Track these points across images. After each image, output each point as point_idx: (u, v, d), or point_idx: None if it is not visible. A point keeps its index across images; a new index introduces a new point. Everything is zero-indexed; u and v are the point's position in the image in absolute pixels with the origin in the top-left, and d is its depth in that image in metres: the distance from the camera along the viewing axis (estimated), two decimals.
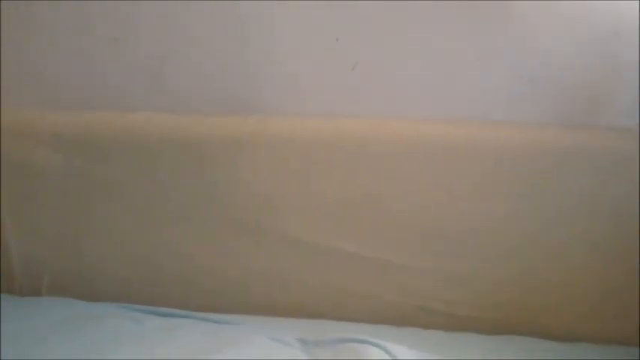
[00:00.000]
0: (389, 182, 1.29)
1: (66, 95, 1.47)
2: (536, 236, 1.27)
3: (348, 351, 1.17)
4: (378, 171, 1.29)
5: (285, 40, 1.36)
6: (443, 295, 1.30)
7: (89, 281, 1.41)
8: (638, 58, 1.27)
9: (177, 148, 1.35)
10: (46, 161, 1.40)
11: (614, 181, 1.24)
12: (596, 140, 1.25)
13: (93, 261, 1.41)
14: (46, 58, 1.47)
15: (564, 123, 1.30)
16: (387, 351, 1.15)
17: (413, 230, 1.30)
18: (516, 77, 1.31)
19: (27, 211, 1.42)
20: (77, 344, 1.20)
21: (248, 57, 1.38)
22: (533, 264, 1.27)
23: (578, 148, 1.25)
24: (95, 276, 1.41)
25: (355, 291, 1.32)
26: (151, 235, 1.38)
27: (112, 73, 1.43)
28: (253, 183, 1.33)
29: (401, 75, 1.35)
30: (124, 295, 1.37)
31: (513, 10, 1.28)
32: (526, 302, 1.28)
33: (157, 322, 1.28)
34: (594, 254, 1.25)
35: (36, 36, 1.46)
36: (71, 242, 1.41)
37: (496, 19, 1.29)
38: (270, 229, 1.33)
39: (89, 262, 1.41)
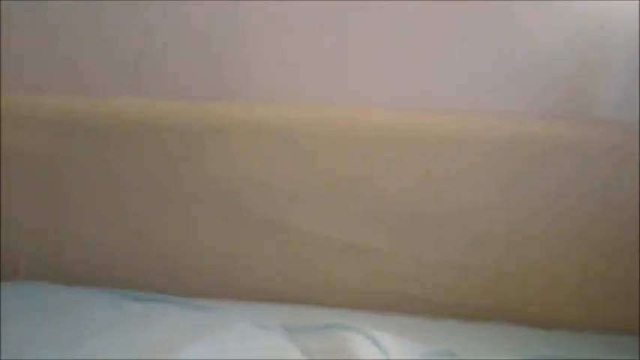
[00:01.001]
0: (375, 170, 1.29)
1: (46, 79, 1.45)
2: (522, 225, 1.27)
3: (332, 337, 1.16)
4: (365, 159, 1.29)
5: (271, 26, 1.35)
6: (427, 282, 1.30)
7: (68, 266, 1.39)
8: (623, 53, 1.28)
9: (160, 133, 1.33)
10: (25, 145, 1.37)
11: (600, 173, 1.25)
12: (584, 132, 1.27)
13: (72, 245, 1.38)
14: (27, 43, 1.44)
15: (550, 114, 1.31)
16: (370, 337, 1.14)
17: (398, 218, 1.30)
18: (505, 67, 1.31)
19: (8, 193, 1.39)
20: (55, 329, 1.18)
21: (234, 43, 1.36)
22: (517, 252, 1.28)
23: (565, 139, 1.26)
24: (74, 261, 1.39)
25: (339, 277, 1.32)
26: (130, 219, 1.36)
27: (94, 57, 1.41)
28: (238, 168, 1.32)
29: (387, 63, 1.35)
30: (104, 280, 1.35)
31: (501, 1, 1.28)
32: (508, 290, 1.28)
33: (137, 307, 1.26)
34: (580, 243, 1.27)
35: (16, 20, 1.42)
36: (50, 226, 1.39)
37: (484, 9, 1.29)
38: (255, 214, 1.32)
39: (69, 247, 1.39)
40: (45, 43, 1.43)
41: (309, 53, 1.35)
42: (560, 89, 1.32)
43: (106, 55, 1.41)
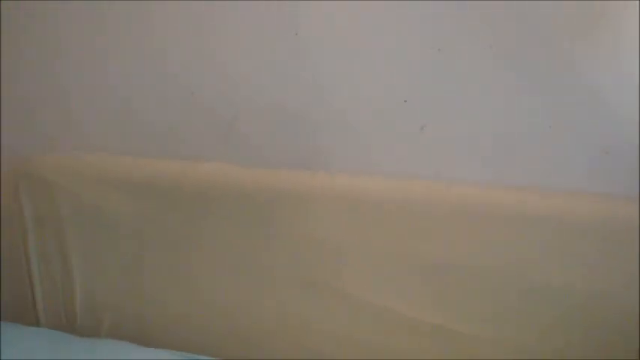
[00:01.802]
0: (456, 247, 1.27)
1: (139, 142, 1.53)
2: (612, 310, 1.20)
3: None
4: (445, 235, 1.27)
5: (356, 100, 1.38)
6: None
7: (149, 326, 1.43)
8: None
9: (245, 199, 1.36)
10: (116, 205, 1.44)
11: None
12: None
13: (154, 307, 1.43)
14: (122, 106, 1.54)
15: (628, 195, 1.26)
16: None
17: (477, 298, 1.26)
18: (590, 147, 1.28)
19: (94, 253, 1.46)
20: None
21: (319, 114, 1.40)
22: (608, 338, 1.20)
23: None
24: (155, 322, 1.42)
25: (412, 356, 1.28)
26: (212, 285, 1.39)
27: (186, 123, 1.48)
28: (318, 238, 1.33)
29: (468, 139, 1.34)
30: (182, 343, 1.38)
31: (586, 75, 1.26)
32: None
33: None
34: None
35: (112, 83, 1.53)
36: (134, 286, 1.44)
37: (574, 90, 1.27)
38: (331, 286, 1.32)
39: (150, 308, 1.43)
40: (138, 107, 1.52)
41: (393, 127, 1.37)
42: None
43: (198, 122, 1.48)
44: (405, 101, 1.36)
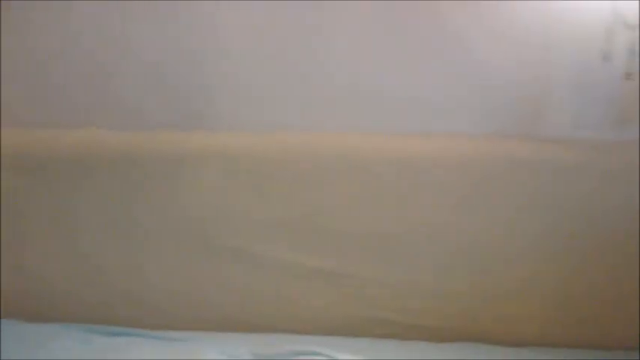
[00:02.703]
0: (339, 195, 1.30)
1: (10, 112, 1.43)
2: (489, 245, 1.28)
3: None
4: (328, 184, 1.30)
5: (236, 55, 1.35)
6: (398, 305, 1.30)
7: (34, 300, 1.37)
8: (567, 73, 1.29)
9: (122, 164, 1.33)
10: None
11: (560, 189, 1.27)
12: (537, 150, 1.28)
13: (37, 279, 1.37)
14: None
15: (502, 134, 1.32)
16: None
17: (366, 242, 1.30)
18: (457, 88, 1.32)
19: None
20: None
21: (196, 72, 1.36)
22: (488, 272, 1.28)
23: (518, 158, 1.27)
24: (40, 294, 1.37)
25: (309, 303, 1.31)
26: (96, 252, 1.36)
27: (56, 90, 1.40)
28: (202, 198, 1.32)
29: (345, 89, 1.35)
30: (71, 314, 1.34)
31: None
32: (480, 311, 1.28)
33: (106, 341, 1.25)
34: (549, 263, 1.28)
35: None
36: (15, 259, 1.37)
37: (436, 34, 1.31)
38: (219, 243, 1.32)
39: (34, 280, 1.37)
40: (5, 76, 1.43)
41: (273, 81, 1.36)
42: (511, 110, 1.33)
43: (69, 87, 1.41)
44: (283, 54, 1.34)
